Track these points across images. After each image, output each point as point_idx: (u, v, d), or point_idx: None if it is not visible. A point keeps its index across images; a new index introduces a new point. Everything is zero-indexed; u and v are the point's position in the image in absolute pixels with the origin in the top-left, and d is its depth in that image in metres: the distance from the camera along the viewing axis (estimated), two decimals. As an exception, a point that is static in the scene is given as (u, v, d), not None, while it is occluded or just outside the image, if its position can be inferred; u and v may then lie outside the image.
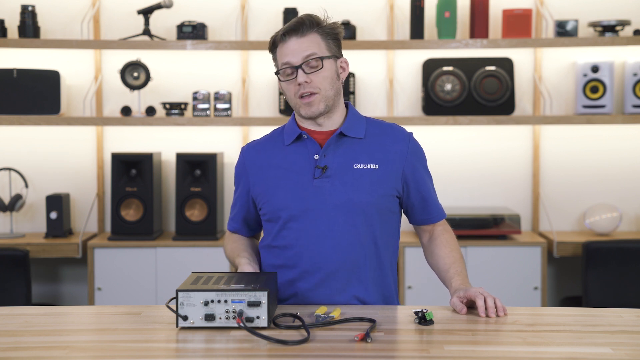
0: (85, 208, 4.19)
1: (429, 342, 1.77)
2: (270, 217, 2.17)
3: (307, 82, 2.08)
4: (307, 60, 2.08)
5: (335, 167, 2.13)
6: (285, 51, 2.10)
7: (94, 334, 1.87)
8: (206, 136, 4.19)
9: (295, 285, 2.15)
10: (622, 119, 3.99)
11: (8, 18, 4.08)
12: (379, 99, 4.18)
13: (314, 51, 2.09)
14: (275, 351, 1.69)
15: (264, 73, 4.17)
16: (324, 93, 2.11)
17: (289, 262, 2.15)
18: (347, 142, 2.16)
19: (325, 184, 2.12)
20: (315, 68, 2.09)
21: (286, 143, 2.19)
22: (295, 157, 2.17)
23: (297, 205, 2.12)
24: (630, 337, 1.81)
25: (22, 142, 4.17)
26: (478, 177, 4.22)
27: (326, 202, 2.11)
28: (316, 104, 2.11)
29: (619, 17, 4.10)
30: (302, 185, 2.13)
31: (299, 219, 2.12)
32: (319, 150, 2.15)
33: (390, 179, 2.15)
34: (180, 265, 3.81)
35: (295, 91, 2.11)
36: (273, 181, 2.16)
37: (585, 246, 3.64)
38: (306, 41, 2.09)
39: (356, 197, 2.11)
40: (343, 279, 2.12)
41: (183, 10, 4.14)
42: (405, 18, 4.13)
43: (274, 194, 2.15)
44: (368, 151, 2.16)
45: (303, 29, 2.09)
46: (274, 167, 2.17)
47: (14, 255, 3.49)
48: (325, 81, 2.11)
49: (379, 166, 2.14)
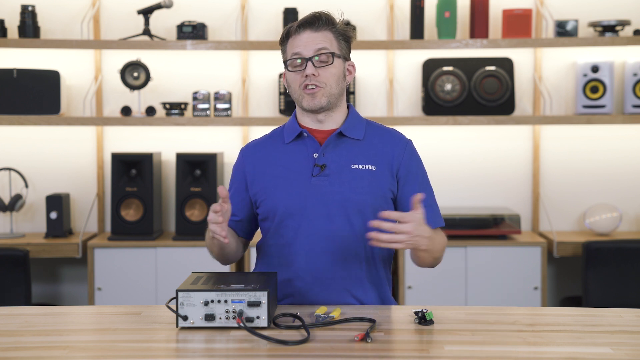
0: (85, 208, 4.19)
1: (429, 342, 1.77)
2: (268, 215, 2.17)
3: (315, 75, 2.10)
4: (319, 53, 2.11)
5: (333, 166, 2.14)
6: (297, 42, 2.12)
7: (94, 334, 1.87)
8: (206, 136, 4.19)
9: (292, 284, 2.15)
10: (622, 119, 3.99)
11: (8, 18, 4.08)
12: (379, 99, 4.18)
13: (326, 46, 2.12)
14: (275, 351, 1.69)
15: (264, 73, 4.17)
16: (328, 89, 2.13)
17: (286, 260, 2.15)
18: (346, 142, 2.18)
19: (323, 182, 2.13)
20: (325, 63, 2.12)
21: (286, 141, 2.20)
22: (295, 155, 2.18)
23: (294, 202, 2.13)
24: (630, 337, 1.82)
25: (22, 142, 4.17)
26: (478, 177, 4.22)
27: (324, 200, 2.12)
28: (319, 96, 2.12)
29: (619, 17, 4.10)
30: (300, 183, 2.14)
31: (296, 217, 2.13)
32: (318, 149, 2.16)
33: (386, 179, 2.16)
34: (180, 265, 3.81)
35: (300, 82, 2.12)
36: (271, 179, 2.17)
37: (585, 246, 3.64)
38: (320, 36, 2.12)
39: (354, 196, 2.12)
40: (339, 278, 2.13)
41: (183, 10, 4.14)
42: (405, 18, 4.13)
43: (272, 192, 2.16)
44: (366, 153, 2.17)
45: (318, 25, 2.12)
46: (273, 165, 2.18)
47: (14, 255, 3.49)
48: (332, 78, 2.13)
49: (376, 167, 2.16)
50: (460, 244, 3.81)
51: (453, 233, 3.79)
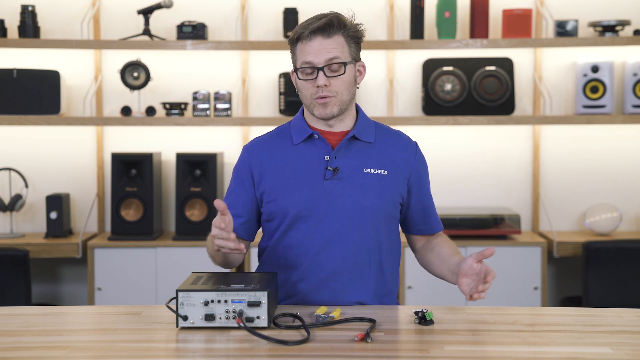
0: (85, 208, 4.19)
1: (429, 342, 1.77)
2: (275, 216, 2.15)
3: (327, 86, 2.08)
4: (330, 63, 2.07)
5: (345, 170, 2.13)
6: (308, 49, 2.08)
7: (94, 334, 1.87)
8: (206, 136, 4.19)
9: (297, 286, 2.14)
10: (622, 119, 3.99)
11: (8, 18, 4.08)
12: (379, 99, 4.18)
13: (338, 55, 2.08)
14: (275, 351, 1.69)
15: (264, 73, 4.17)
16: (340, 97, 2.10)
17: (293, 262, 2.14)
18: (357, 145, 2.16)
19: (335, 186, 2.12)
20: (336, 72, 2.08)
21: (295, 142, 2.17)
22: (305, 157, 2.15)
23: (306, 205, 2.11)
24: (630, 337, 1.82)
25: (22, 142, 4.17)
26: (478, 177, 4.22)
27: (336, 204, 2.11)
28: (331, 106, 2.10)
29: (619, 17, 4.10)
30: (312, 185, 2.12)
31: (308, 220, 2.11)
32: (330, 152, 2.14)
33: (397, 185, 2.16)
34: (180, 265, 3.81)
35: (312, 92, 2.10)
36: (280, 179, 2.14)
37: (585, 246, 3.64)
38: (331, 43, 2.07)
39: (365, 201, 2.12)
40: (345, 282, 2.12)
41: (183, 10, 4.14)
42: (405, 18, 4.13)
43: (281, 192, 2.13)
44: (377, 157, 2.16)
45: (330, 31, 2.07)
46: (281, 165, 2.16)
47: (14, 255, 3.49)
48: (344, 85, 2.10)
49: (387, 172, 2.15)
50: (460, 244, 3.80)
51: (453, 233, 3.79)
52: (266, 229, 2.21)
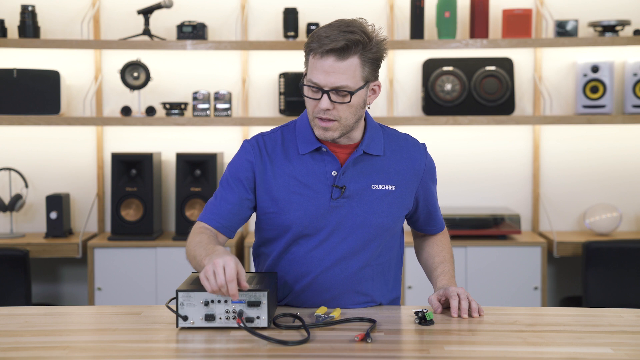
0: (85, 208, 4.19)
1: (429, 342, 1.77)
2: (276, 229, 2.07)
3: (329, 110, 1.96)
4: (336, 90, 1.95)
5: (353, 187, 2.05)
6: (318, 67, 1.94)
7: (94, 334, 1.87)
8: (206, 136, 4.19)
9: (298, 296, 2.09)
10: (622, 119, 3.99)
11: (8, 18, 4.08)
12: (379, 99, 4.18)
13: (347, 84, 1.94)
14: (276, 351, 1.69)
15: (264, 73, 4.17)
16: (343, 122, 1.99)
17: (294, 275, 2.09)
18: (366, 159, 2.08)
19: (343, 204, 2.05)
20: (342, 98, 1.96)
21: (301, 152, 2.06)
22: (311, 170, 2.05)
23: (311, 224, 2.04)
24: (630, 337, 1.81)
25: (22, 142, 4.17)
26: (478, 177, 4.22)
27: (342, 223, 2.05)
28: (332, 130, 1.99)
29: (619, 17, 4.10)
30: (318, 203, 2.04)
31: (312, 237, 2.05)
32: (338, 167, 2.05)
33: (405, 199, 2.11)
34: (180, 265, 3.81)
35: (315, 110, 1.99)
36: (285, 193, 2.04)
37: (585, 246, 3.64)
38: (343, 67, 1.94)
39: (372, 220, 2.06)
40: (350, 292, 2.08)
41: (183, 10, 4.14)
42: (405, 18, 4.13)
43: (285, 207, 2.04)
44: (386, 171, 2.09)
45: (346, 54, 1.94)
46: (287, 176, 2.05)
47: (14, 255, 3.49)
48: (349, 111, 1.98)
49: (396, 187, 2.09)
50: (460, 244, 3.81)
51: (453, 233, 3.79)
52: (264, 235, 2.13)
